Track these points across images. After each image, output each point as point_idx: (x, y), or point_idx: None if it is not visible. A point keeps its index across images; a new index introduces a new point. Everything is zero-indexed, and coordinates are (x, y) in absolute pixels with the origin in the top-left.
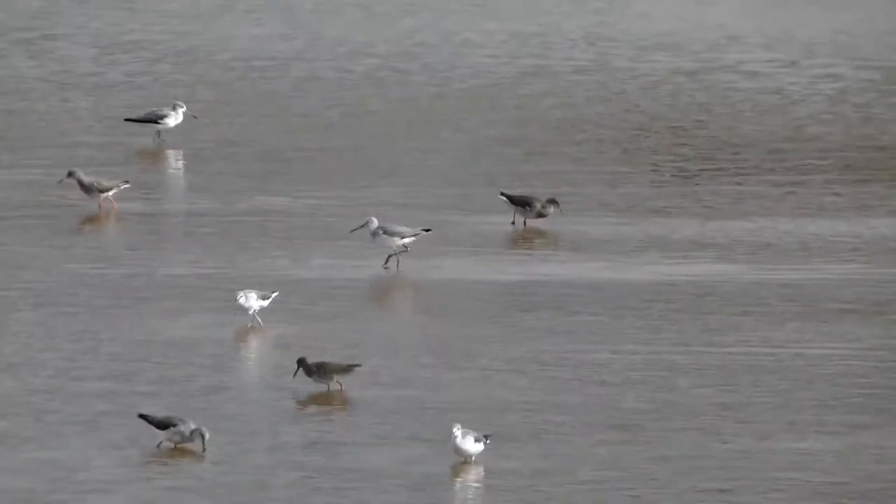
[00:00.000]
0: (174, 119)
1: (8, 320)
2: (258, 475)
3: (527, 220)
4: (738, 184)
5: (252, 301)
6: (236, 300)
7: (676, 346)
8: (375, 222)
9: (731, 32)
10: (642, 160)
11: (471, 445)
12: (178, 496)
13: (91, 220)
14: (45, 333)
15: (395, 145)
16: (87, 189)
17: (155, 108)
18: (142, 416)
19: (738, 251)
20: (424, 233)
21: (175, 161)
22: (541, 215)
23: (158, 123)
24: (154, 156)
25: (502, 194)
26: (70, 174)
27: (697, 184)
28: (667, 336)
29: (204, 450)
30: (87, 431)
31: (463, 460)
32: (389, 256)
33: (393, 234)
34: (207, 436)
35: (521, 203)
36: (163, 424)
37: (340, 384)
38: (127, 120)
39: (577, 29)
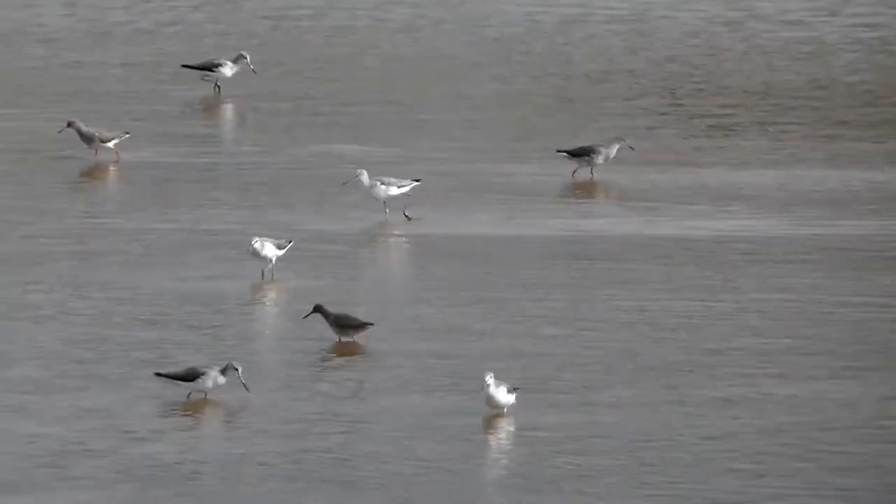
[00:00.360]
0: (230, 69)
1: (38, 271)
2: (297, 423)
3: (593, 170)
4: (774, 134)
5: (269, 249)
6: (251, 245)
7: (705, 294)
8: (366, 175)
9: None
10: (678, 110)
11: (503, 396)
12: (218, 444)
13: (120, 171)
14: (75, 284)
15: (429, 95)
16: (87, 139)
17: (213, 57)
18: (160, 375)
19: (769, 202)
20: (416, 182)
21: (210, 112)
22: (607, 158)
23: (213, 72)
24: (190, 106)
25: (559, 151)
26: (69, 124)
27: (732, 133)
28: (698, 285)
29: (245, 385)
30: (124, 380)
31: (495, 412)
32: (385, 205)
33: (389, 184)
34: (241, 368)
35: (582, 154)
36: (189, 376)
37: (354, 338)
38: (184, 66)
39: None
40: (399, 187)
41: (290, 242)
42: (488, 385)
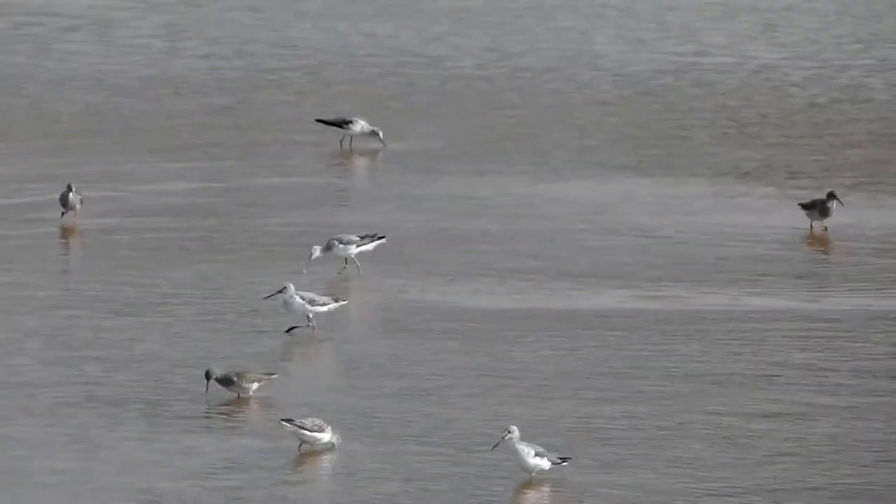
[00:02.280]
0: (360, 127)
1: (93, 327)
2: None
3: (813, 224)
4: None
5: (300, 304)
6: (283, 292)
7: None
8: (318, 249)
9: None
10: (806, 167)
11: (531, 458)
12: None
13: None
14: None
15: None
16: (63, 201)
17: (345, 114)
18: (285, 421)
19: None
20: (380, 240)
21: (283, 166)
22: (826, 214)
23: (343, 128)
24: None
25: (800, 205)
26: (68, 187)
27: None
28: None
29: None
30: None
31: (524, 473)
32: (345, 266)
33: (348, 242)
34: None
35: (809, 207)
36: (316, 428)
37: (252, 390)
38: (317, 121)
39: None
40: (359, 245)
41: (343, 301)
42: (510, 436)
